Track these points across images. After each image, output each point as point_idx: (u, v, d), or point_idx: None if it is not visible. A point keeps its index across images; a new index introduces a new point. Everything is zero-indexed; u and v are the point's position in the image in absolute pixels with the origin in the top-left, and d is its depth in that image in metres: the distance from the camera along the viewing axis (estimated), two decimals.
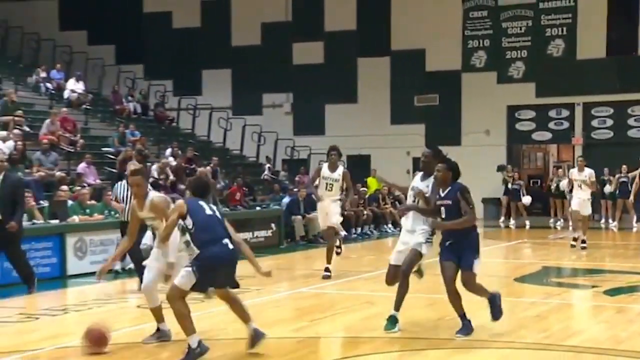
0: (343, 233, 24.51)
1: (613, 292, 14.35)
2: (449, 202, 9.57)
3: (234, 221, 22.09)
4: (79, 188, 19.93)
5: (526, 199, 29.08)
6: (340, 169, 15.95)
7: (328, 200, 15.85)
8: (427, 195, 10.20)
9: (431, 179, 10.21)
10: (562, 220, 28.14)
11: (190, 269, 8.69)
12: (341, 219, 16.73)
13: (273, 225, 23.24)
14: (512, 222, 29.65)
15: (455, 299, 9.92)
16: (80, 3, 37.06)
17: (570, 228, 20.18)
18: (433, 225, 9.94)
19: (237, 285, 9.65)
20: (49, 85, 30.47)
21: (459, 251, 9.70)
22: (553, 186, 29.08)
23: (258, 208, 24.92)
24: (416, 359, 8.80)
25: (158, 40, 36.16)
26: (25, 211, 17.91)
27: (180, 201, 9.47)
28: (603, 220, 28.69)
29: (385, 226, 27.30)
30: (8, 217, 14.23)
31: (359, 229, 25.90)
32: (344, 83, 33.75)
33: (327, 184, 15.81)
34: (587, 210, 19.68)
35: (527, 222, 29.21)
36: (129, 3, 36.76)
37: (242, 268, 13.85)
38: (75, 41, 35.98)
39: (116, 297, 15.32)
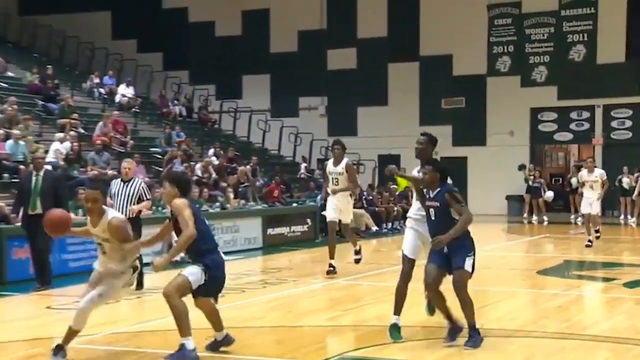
0: (375, 228, 24.61)
1: (631, 284, 14.28)
2: (437, 203, 8.72)
3: (272, 217, 22.46)
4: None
5: (549, 194, 28.87)
6: (344, 162, 15.36)
7: (339, 194, 15.32)
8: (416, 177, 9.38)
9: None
10: (582, 216, 27.98)
11: (200, 268, 8.25)
12: (350, 217, 16.00)
13: (309, 220, 23.26)
14: (534, 218, 29.58)
15: (439, 300, 8.97)
16: (131, 14, 37.27)
17: (584, 229, 19.72)
18: (437, 245, 8.64)
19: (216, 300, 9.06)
20: (101, 90, 30.71)
21: (450, 252, 8.78)
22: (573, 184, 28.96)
23: (295, 204, 24.93)
24: (440, 349, 8.73)
25: (202, 48, 36.30)
26: (80, 207, 18.06)
27: (184, 200, 8.23)
28: (622, 217, 28.52)
29: None
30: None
31: (390, 224, 25.97)
32: (375, 87, 33.73)
33: (332, 178, 15.32)
34: (596, 209, 19.21)
35: (545, 218, 29.13)
36: (175, 14, 36.95)
37: (279, 259, 13.99)
38: (126, 49, 36.23)
39: (161, 287, 15.33)
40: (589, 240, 18.94)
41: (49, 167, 20.25)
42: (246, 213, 22.13)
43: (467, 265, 8.68)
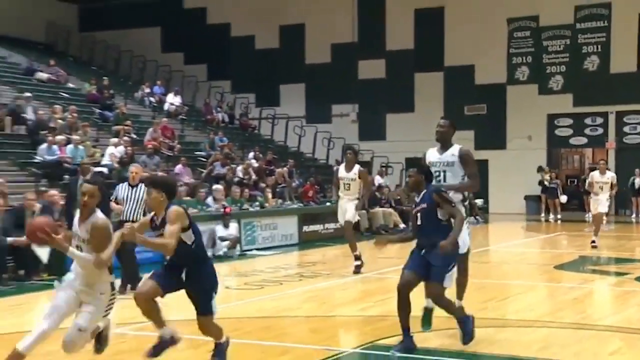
0: (402, 225, 24.53)
1: None
2: (425, 205, 8.00)
3: (307, 215, 22.50)
4: (179, 185, 20.12)
5: (563, 198, 29.13)
6: (356, 168, 14.77)
7: (346, 199, 14.78)
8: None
9: (450, 151, 8.77)
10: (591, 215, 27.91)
11: (213, 298, 7.45)
12: (357, 217, 15.45)
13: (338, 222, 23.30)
14: (550, 216, 29.50)
15: (404, 308, 8.02)
16: (178, 30, 37.51)
17: (593, 229, 19.12)
18: (445, 252, 7.78)
19: None
20: (152, 99, 30.95)
21: (431, 258, 7.94)
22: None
23: (328, 204, 24.91)
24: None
25: (243, 60, 36.43)
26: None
27: (179, 208, 7.14)
28: (634, 215, 28.43)
29: None
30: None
31: None
32: (402, 95, 33.68)
33: (344, 183, 14.75)
34: (604, 208, 18.83)
35: (559, 217, 29.11)
36: (218, 29, 37.08)
37: (314, 254, 14.00)
38: (174, 61, 36.47)
39: None
40: (594, 241, 18.50)
41: (103, 169, 20.47)
42: (283, 211, 22.19)
43: (446, 282, 8.00)
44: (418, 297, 8.22)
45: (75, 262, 7.06)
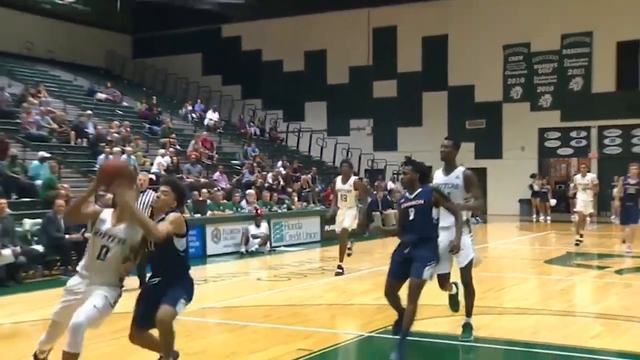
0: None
1: (621, 272, 14.30)
2: (421, 201, 7.26)
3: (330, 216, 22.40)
4: (214, 190, 20.24)
5: (552, 201, 29.12)
6: (352, 180, 13.91)
7: (344, 209, 13.85)
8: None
9: (455, 173, 7.97)
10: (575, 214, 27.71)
11: (184, 300, 6.09)
12: (354, 225, 14.05)
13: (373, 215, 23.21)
14: (541, 217, 29.38)
15: (396, 306, 7.57)
16: (217, 55, 37.72)
17: (575, 228, 18.88)
18: (457, 250, 7.39)
19: None
20: (193, 115, 31.20)
21: (413, 255, 7.25)
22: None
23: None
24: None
25: (272, 81, 36.57)
26: None
27: (181, 216, 6.15)
28: (613, 217, 28.23)
29: None
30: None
31: None
32: (411, 111, 33.66)
33: (341, 195, 13.85)
34: (589, 209, 18.40)
35: (549, 218, 28.95)
36: (251, 54, 37.30)
37: (334, 250, 13.98)
38: (213, 83, 36.74)
39: (241, 272, 15.50)
40: (577, 239, 18.18)
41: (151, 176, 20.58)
42: (308, 213, 22.19)
43: (426, 275, 7.18)
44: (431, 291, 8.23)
45: (90, 262, 6.03)
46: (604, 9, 30.40)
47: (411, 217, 7.28)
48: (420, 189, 7.35)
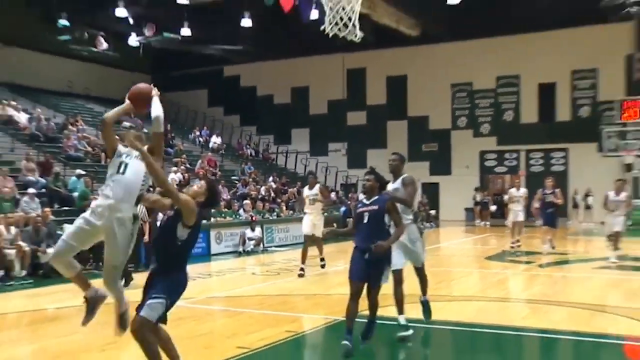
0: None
1: (543, 265, 14.49)
2: (376, 207, 6.60)
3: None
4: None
5: (493, 207, 29.32)
6: (317, 187, 13.60)
7: (314, 213, 13.35)
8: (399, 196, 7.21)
9: (398, 181, 7.46)
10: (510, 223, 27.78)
11: (162, 300, 4.86)
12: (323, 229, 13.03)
13: (335, 224, 23.20)
14: (482, 223, 29.53)
15: (352, 313, 6.63)
16: (220, 91, 37.78)
17: (510, 233, 18.41)
18: (379, 249, 6.37)
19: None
20: (200, 139, 31.17)
21: (370, 265, 6.50)
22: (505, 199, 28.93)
23: (326, 214, 25.01)
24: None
25: (265, 112, 36.59)
26: None
27: (195, 207, 4.97)
28: (538, 222, 28.39)
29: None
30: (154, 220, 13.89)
31: None
32: (378, 137, 33.76)
33: (310, 200, 13.42)
34: (521, 217, 17.88)
35: (488, 224, 29.12)
36: (248, 90, 37.28)
37: (315, 250, 13.99)
38: (216, 113, 36.70)
39: (239, 268, 15.50)
40: (513, 243, 17.86)
41: None
42: (294, 219, 22.13)
43: (384, 280, 6.65)
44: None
45: (110, 178, 5.30)
46: (529, 58, 30.71)
47: (365, 221, 6.63)
48: (376, 197, 6.73)
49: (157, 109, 5.57)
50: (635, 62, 29.58)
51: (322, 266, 13.45)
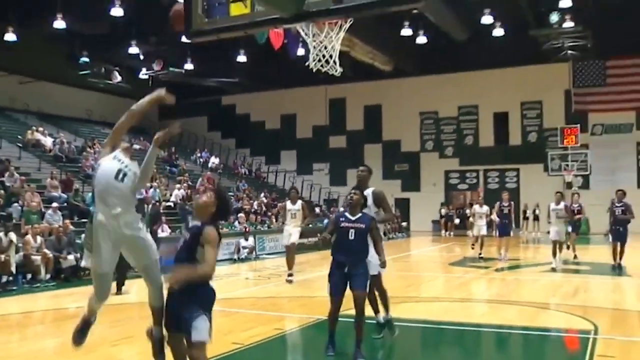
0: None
1: (499, 270, 14.51)
2: (362, 225, 6.00)
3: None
4: None
5: (456, 220, 29.32)
6: (299, 203, 12.79)
7: (292, 226, 12.64)
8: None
9: (366, 192, 6.62)
10: (471, 232, 27.83)
11: (203, 316, 4.12)
12: (298, 239, 12.78)
13: (318, 234, 23.13)
14: (447, 233, 29.59)
15: (333, 321, 6.19)
16: (218, 117, 37.71)
17: (476, 245, 17.33)
18: (382, 261, 6.09)
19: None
20: (201, 159, 31.08)
21: (350, 275, 5.98)
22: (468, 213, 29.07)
23: (310, 225, 24.98)
24: (395, 308, 8.82)
25: (258, 136, 36.53)
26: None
27: (216, 234, 4.25)
28: (494, 232, 28.54)
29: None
30: (152, 229, 13.54)
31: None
32: (356, 158, 33.54)
33: (291, 214, 12.67)
34: (484, 231, 17.00)
35: (452, 234, 29.20)
36: (243, 116, 37.30)
37: (303, 257, 14.02)
38: (215, 137, 36.62)
39: (234, 273, 15.44)
40: (480, 254, 16.95)
41: (170, 204, 20.45)
42: (283, 230, 22.23)
43: (367, 287, 6.14)
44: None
45: (106, 185, 4.53)
46: (485, 91, 31.07)
47: (351, 237, 5.99)
48: (361, 214, 6.10)
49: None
50: (572, 96, 30.13)
51: (290, 279, 12.26)
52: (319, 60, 7.36)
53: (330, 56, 7.38)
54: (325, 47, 7.45)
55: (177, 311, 4.19)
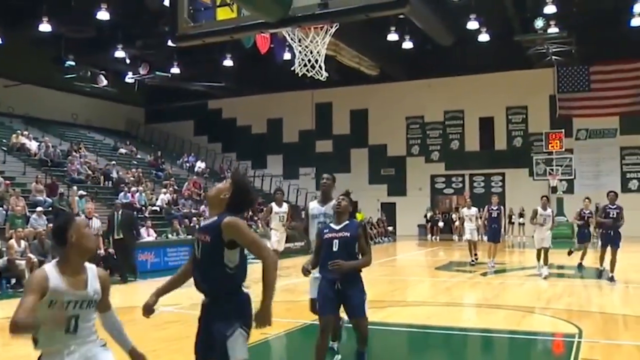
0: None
1: (484, 274, 14.52)
2: (348, 234, 5.13)
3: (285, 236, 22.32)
4: (201, 218, 20.10)
5: (440, 224, 29.33)
6: (285, 205, 12.71)
7: (281, 230, 12.48)
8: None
9: (331, 203, 5.94)
10: (457, 236, 27.90)
11: (239, 329, 3.49)
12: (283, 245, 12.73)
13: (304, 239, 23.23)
14: (433, 237, 29.64)
15: (323, 347, 5.14)
16: (205, 122, 37.57)
17: (469, 251, 16.70)
18: (337, 268, 4.99)
19: None
20: (187, 164, 30.99)
21: (345, 297, 5.08)
22: (454, 218, 29.18)
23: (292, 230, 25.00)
24: (381, 312, 8.82)
25: (244, 140, 36.43)
26: (175, 230, 18.06)
27: (238, 220, 3.43)
28: (486, 238, 28.57)
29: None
30: (127, 235, 13.88)
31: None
32: (343, 162, 33.86)
33: (279, 216, 12.50)
34: (475, 236, 16.49)
35: (437, 238, 29.23)
36: (229, 121, 37.19)
37: (289, 261, 13.93)
38: (201, 141, 36.51)
39: None
40: (472, 260, 16.23)
41: (156, 208, 20.34)
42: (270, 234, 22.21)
43: (366, 311, 5.16)
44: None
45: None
46: (471, 96, 31.27)
47: (334, 249, 5.10)
48: (347, 222, 5.27)
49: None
50: (557, 101, 30.40)
51: None
52: (305, 65, 7.34)
53: (316, 61, 7.36)
54: (311, 52, 7.44)
55: (204, 336, 3.48)
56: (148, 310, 3.79)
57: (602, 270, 13.27)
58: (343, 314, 5.33)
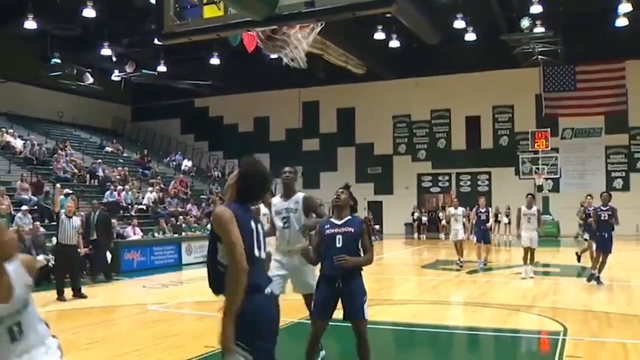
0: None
1: (470, 272, 14.62)
2: (351, 229, 4.84)
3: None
4: (188, 217, 20.07)
5: (424, 218, 29.59)
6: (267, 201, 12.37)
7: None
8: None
9: (294, 199, 5.95)
10: (444, 234, 28.05)
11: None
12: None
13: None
14: (419, 236, 29.75)
15: (313, 352, 5.01)
16: (191, 120, 37.45)
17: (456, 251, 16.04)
18: (342, 263, 4.70)
19: None
20: (174, 162, 30.85)
21: (345, 296, 4.81)
22: (442, 217, 29.29)
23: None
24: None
25: (231, 138, 36.27)
26: (162, 229, 18.01)
27: (229, 211, 3.13)
28: (472, 236, 28.67)
29: None
30: (101, 236, 13.80)
31: None
32: (330, 161, 33.95)
33: (267, 218, 12.17)
34: (461, 236, 15.58)
35: (424, 237, 29.38)
36: (215, 119, 37.10)
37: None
38: (188, 139, 36.38)
39: (206, 277, 15.34)
40: (458, 263, 15.54)
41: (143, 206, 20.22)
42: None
43: (366, 314, 4.88)
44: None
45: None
46: (457, 95, 31.38)
47: (338, 245, 4.81)
48: (349, 217, 4.98)
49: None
50: (543, 100, 30.62)
51: None
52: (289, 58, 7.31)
53: (301, 58, 7.37)
54: (296, 47, 7.46)
55: None
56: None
57: (596, 276, 12.67)
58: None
